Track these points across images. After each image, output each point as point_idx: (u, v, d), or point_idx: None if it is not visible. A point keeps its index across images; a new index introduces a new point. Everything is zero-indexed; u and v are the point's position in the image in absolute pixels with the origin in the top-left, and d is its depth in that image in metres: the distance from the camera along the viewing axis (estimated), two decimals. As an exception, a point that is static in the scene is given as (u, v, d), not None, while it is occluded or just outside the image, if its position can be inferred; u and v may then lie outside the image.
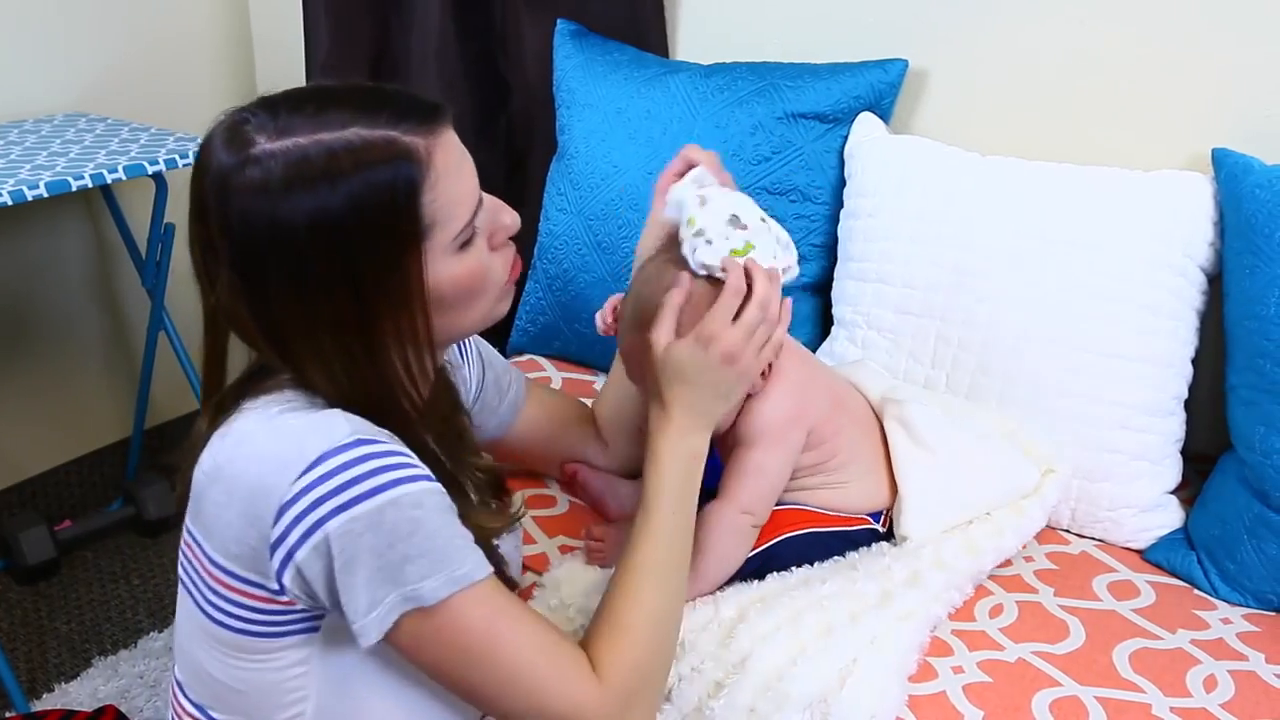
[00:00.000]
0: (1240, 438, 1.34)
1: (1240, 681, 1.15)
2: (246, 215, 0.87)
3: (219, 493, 0.91)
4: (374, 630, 0.88)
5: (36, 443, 2.29)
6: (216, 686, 0.98)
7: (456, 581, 0.89)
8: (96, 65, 2.18)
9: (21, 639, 2.00)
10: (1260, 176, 1.33)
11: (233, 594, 0.92)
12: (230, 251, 0.89)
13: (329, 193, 0.87)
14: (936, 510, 1.27)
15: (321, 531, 0.86)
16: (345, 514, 0.86)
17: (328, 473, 0.86)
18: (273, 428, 0.90)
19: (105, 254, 2.30)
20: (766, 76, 1.67)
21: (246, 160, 0.87)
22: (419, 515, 0.88)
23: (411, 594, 0.87)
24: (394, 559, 0.87)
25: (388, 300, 0.92)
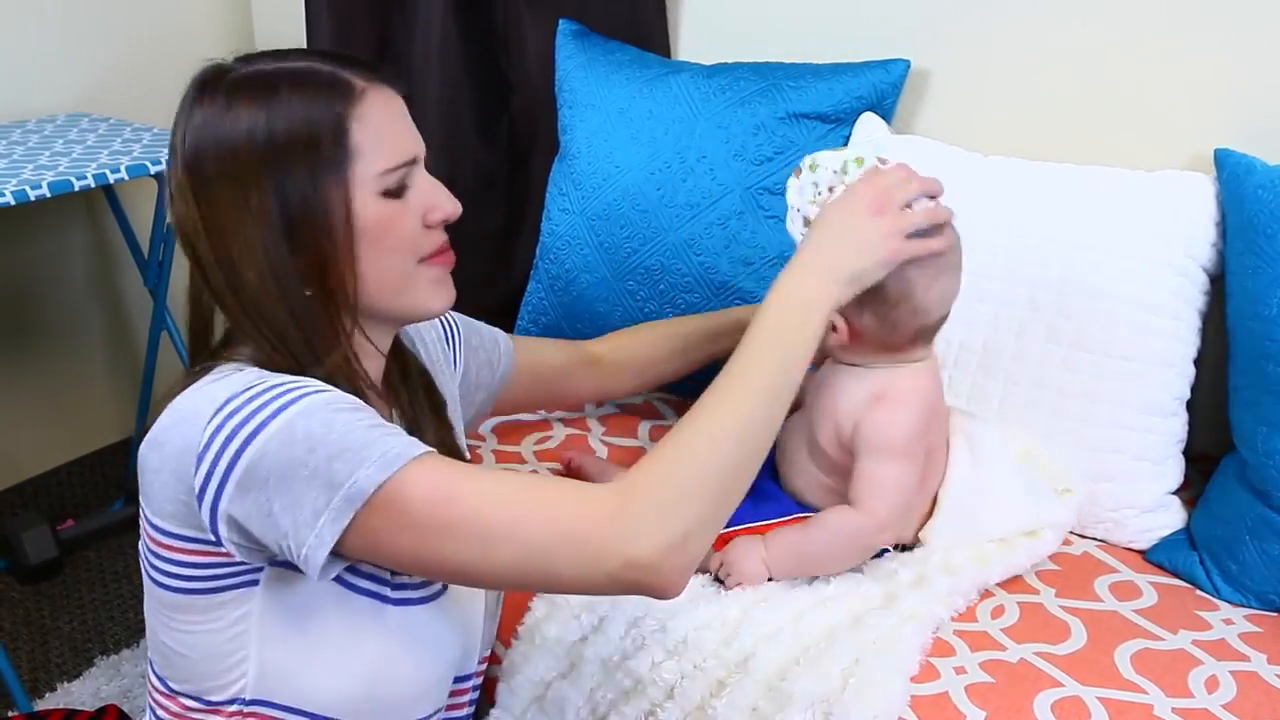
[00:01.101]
0: (1242, 438, 1.34)
1: (1242, 682, 1.15)
2: (199, 129, 0.95)
3: (154, 460, 0.94)
4: (323, 546, 0.86)
5: (38, 442, 2.29)
6: (168, 653, 1.00)
7: (390, 463, 0.86)
8: (99, 65, 2.18)
9: (24, 638, 2.01)
10: (1262, 177, 1.33)
11: (171, 553, 0.94)
12: (183, 169, 0.96)
13: (267, 103, 0.94)
14: (964, 527, 1.28)
15: (240, 465, 0.86)
16: (257, 438, 0.86)
17: (232, 410, 0.88)
18: (194, 393, 0.94)
19: (107, 254, 2.30)
20: (769, 77, 1.67)
21: (209, 86, 0.96)
22: (331, 415, 0.88)
23: (350, 491, 0.85)
24: (318, 463, 0.85)
25: (312, 218, 0.94)
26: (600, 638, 1.20)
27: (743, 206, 1.62)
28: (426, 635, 1.01)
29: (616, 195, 1.71)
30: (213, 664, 0.98)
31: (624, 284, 1.70)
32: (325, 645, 0.97)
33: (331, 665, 0.98)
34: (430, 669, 1.02)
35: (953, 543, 1.27)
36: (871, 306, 1.18)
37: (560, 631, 1.22)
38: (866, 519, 1.21)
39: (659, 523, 0.86)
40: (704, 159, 1.65)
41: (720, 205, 1.63)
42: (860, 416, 1.22)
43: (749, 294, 1.62)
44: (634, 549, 0.85)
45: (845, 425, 1.24)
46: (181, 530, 0.93)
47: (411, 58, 2.05)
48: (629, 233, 1.69)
